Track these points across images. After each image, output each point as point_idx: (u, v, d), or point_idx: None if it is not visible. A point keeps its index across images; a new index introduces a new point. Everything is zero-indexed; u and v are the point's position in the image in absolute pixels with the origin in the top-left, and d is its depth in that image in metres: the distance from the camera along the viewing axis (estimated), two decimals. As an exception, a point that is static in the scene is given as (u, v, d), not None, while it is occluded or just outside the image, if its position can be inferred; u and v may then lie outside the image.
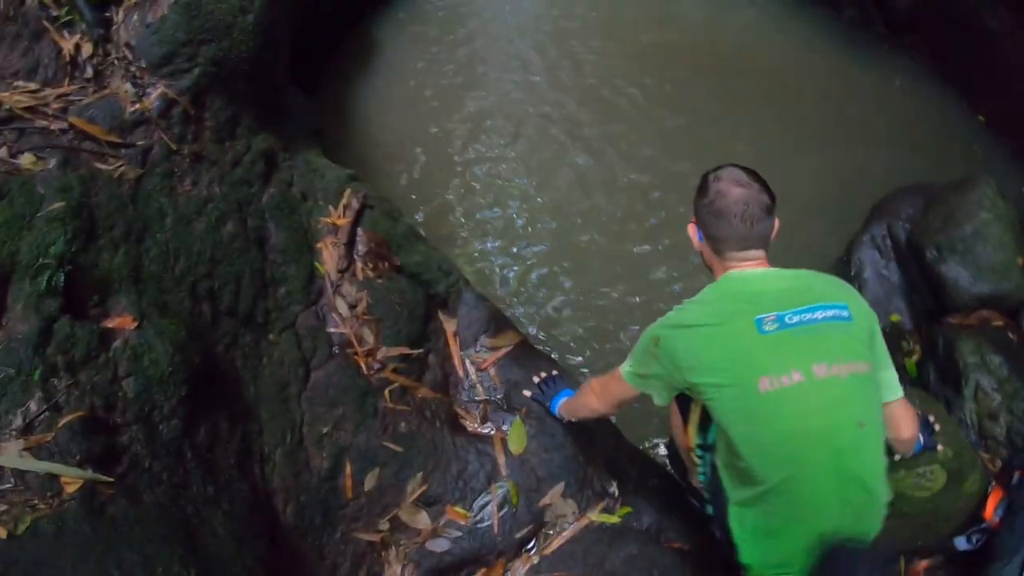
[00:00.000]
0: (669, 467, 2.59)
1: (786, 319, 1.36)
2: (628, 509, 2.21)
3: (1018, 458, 2.13)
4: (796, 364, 1.35)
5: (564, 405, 2.12)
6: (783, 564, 1.51)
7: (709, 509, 1.89)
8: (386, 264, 2.30)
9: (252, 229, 2.22)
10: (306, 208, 2.35)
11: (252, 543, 2.01)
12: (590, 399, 1.87)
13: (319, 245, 2.28)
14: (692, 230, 1.55)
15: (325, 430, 2.14)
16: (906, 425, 1.60)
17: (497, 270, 3.13)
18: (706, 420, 1.75)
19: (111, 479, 1.54)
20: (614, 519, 2.18)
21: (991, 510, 2.07)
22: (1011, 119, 3.47)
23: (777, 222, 1.48)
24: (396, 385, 2.20)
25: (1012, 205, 2.86)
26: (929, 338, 2.69)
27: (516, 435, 2.22)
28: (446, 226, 3.26)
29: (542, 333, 2.99)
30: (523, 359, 2.37)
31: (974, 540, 2.09)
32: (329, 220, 2.31)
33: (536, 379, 2.24)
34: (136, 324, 1.78)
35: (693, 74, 3.85)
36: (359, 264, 2.27)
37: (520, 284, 3.11)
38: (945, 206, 2.79)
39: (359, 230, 2.32)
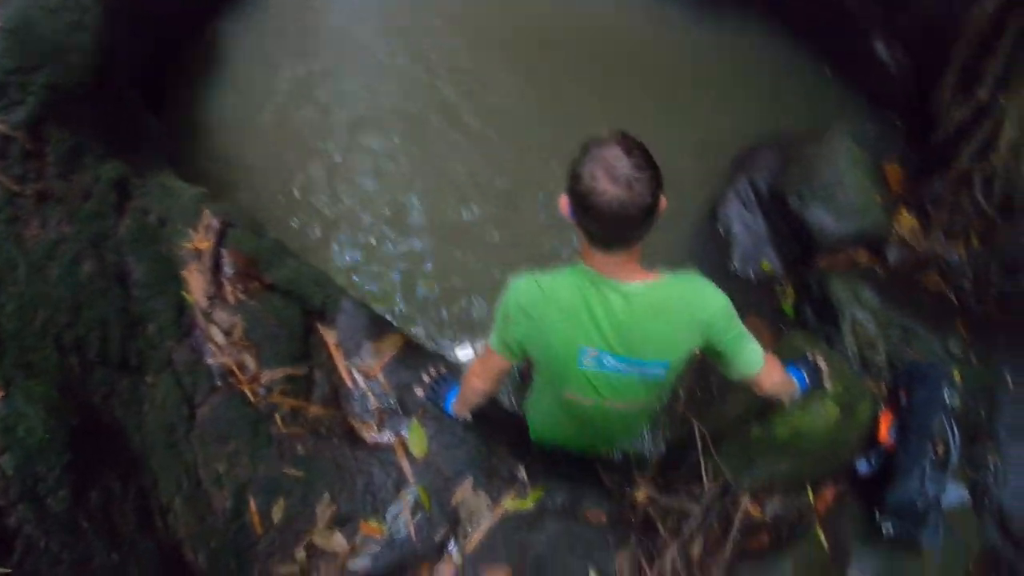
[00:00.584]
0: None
1: (604, 361, 1.58)
2: (540, 491, 2.31)
3: (903, 381, 2.32)
4: (595, 396, 1.71)
5: (456, 400, 2.20)
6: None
7: None
8: (256, 283, 2.32)
9: (111, 265, 2.23)
10: (165, 235, 2.36)
11: (171, 604, 2.01)
12: (473, 381, 1.94)
13: (184, 273, 2.28)
14: (564, 203, 1.45)
15: (221, 468, 2.16)
16: (773, 386, 1.83)
17: (374, 273, 3.21)
18: None
19: (7, 570, 1.53)
20: (528, 503, 2.28)
21: (885, 432, 2.26)
22: (855, 69, 3.80)
23: (664, 202, 1.39)
24: (286, 408, 2.24)
25: (865, 150, 3.16)
26: (801, 281, 2.93)
27: (416, 438, 2.29)
28: (315, 236, 3.30)
29: (428, 330, 3.09)
30: (411, 360, 2.44)
31: (873, 461, 2.28)
32: (191, 245, 2.30)
33: (427, 378, 2.31)
34: (2, 393, 1.76)
35: (546, 58, 4.00)
36: (228, 287, 2.28)
37: (399, 285, 3.19)
38: (805, 156, 3.07)
39: (223, 251, 2.33)
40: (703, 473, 2.29)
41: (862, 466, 2.31)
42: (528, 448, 2.41)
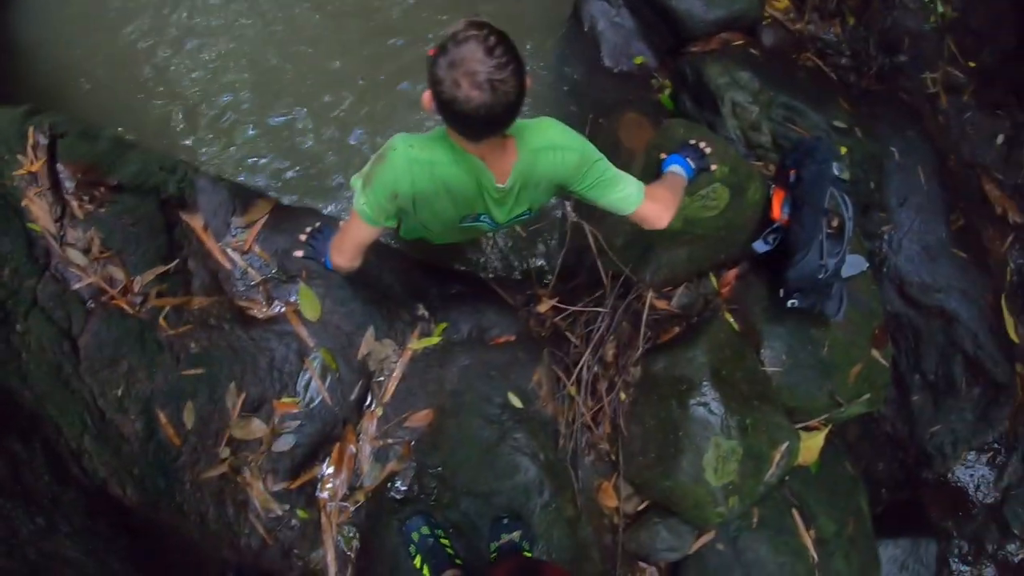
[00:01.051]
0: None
1: (480, 219, 1.70)
2: (444, 324, 2.31)
3: (790, 158, 2.29)
4: (466, 234, 1.88)
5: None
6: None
7: None
8: (102, 189, 2.18)
9: None
10: None
11: (110, 547, 2.00)
12: (337, 260, 1.78)
13: (24, 203, 2.12)
14: (427, 99, 1.38)
15: (120, 391, 2.10)
16: (657, 216, 1.77)
17: (224, 144, 2.96)
18: None
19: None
20: (435, 340, 2.28)
21: (778, 210, 2.25)
22: None
23: (529, 81, 1.34)
24: (167, 309, 2.14)
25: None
26: (676, 71, 2.84)
27: (307, 302, 2.23)
28: (155, 121, 3.00)
29: (295, 192, 2.91)
30: (283, 223, 2.34)
31: (770, 240, 2.28)
32: (22, 171, 2.13)
33: (303, 237, 2.15)
34: None
35: None
36: (74, 203, 2.14)
37: (251, 148, 2.95)
38: None
39: (59, 166, 2.16)
40: (603, 276, 2.29)
41: (760, 246, 2.32)
42: (423, 281, 2.38)
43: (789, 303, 2.24)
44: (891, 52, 3.01)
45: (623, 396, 2.24)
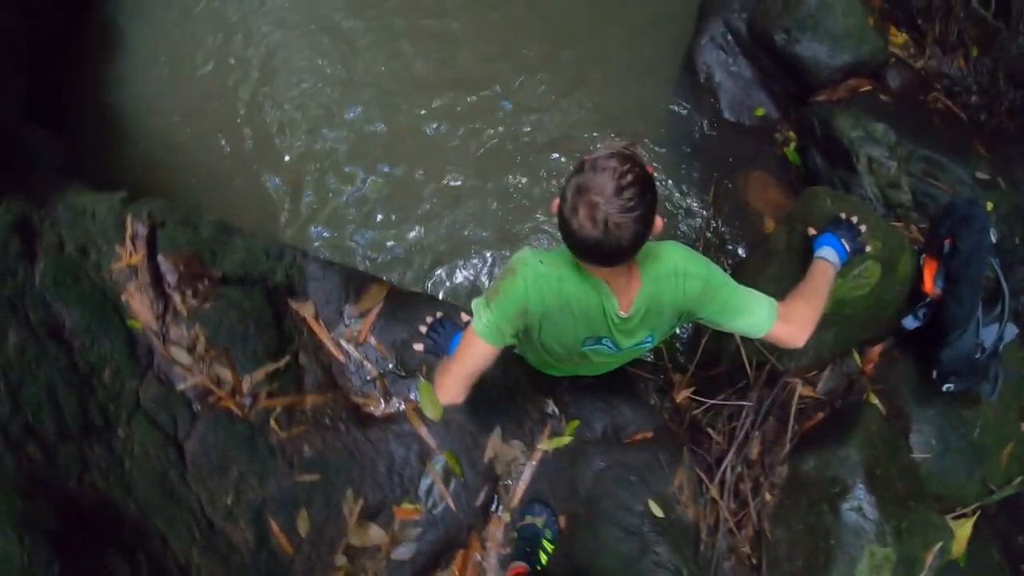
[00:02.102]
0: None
1: (604, 342, 1.59)
2: (576, 422, 2.13)
3: (944, 226, 2.07)
4: (591, 360, 1.70)
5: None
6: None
7: None
8: (206, 282, 2.02)
9: (39, 324, 1.87)
10: (91, 263, 2.01)
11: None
12: (448, 384, 1.52)
13: (124, 298, 1.97)
14: (555, 206, 1.32)
15: (230, 500, 1.95)
16: (793, 338, 1.57)
17: (335, 225, 2.89)
18: None
19: None
20: (566, 440, 2.10)
21: (930, 283, 2.05)
22: None
23: (659, 223, 1.30)
24: (279, 409, 1.99)
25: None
26: (801, 123, 2.64)
27: (428, 400, 2.06)
28: (259, 204, 2.94)
29: (409, 273, 2.82)
30: (399, 311, 2.19)
31: (921, 315, 2.09)
32: (121, 264, 1.98)
33: (423, 328, 1.87)
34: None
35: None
36: (177, 298, 1.98)
37: (365, 228, 2.88)
38: None
39: (159, 258, 2.01)
40: (747, 365, 2.10)
41: (909, 322, 2.12)
42: (553, 378, 2.20)
43: (945, 387, 2.05)
44: (1021, 85, 2.76)
45: (768, 497, 2.06)
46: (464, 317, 1.76)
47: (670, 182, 2.87)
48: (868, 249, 1.95)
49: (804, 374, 2.17)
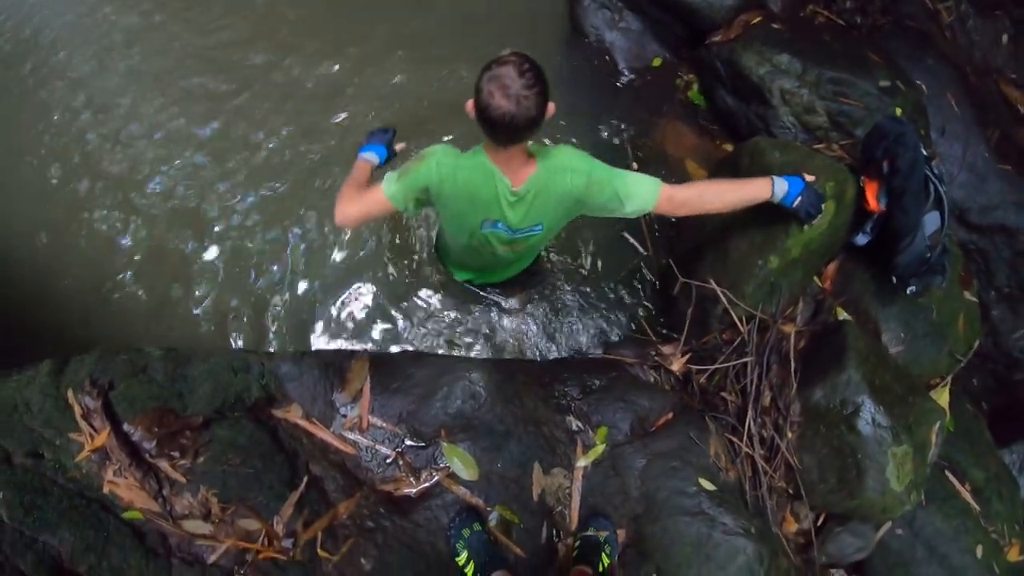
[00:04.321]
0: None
1: (498, 226, 1.89)
2: (604, 428, 2.13)
3: (880, 148, 2.15)
4: (490, 244, 2.00)
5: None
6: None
7: None
8: (188, 434, 1.78)
9: (35, 570, 1.55)
10: (50, 467, 1.68)
11: None
12: (348, 208, 1.86)
13: (107, 490, 1.69)
14: (470, 107, 1.63)
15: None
16: (687, 200, 1.86)
17: (277, 302, 2.65)
18: None
19: None
20: (600, 449, 2.10)
21: (874, 202, 2.16)
22: None
23: (552, 107, 1.62)
24: (320, 536, 1.83)
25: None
26: (701, 64, 2.63)
27: (459, 461, 2.00)
28: (168, 306, 2.63)
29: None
30: (391, 381, 2.07)
31: (869, 231, 2.22)
32: (86, 453, 1.69)
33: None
34: None
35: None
36: (165, 466, 1.73)
37: (317, 298, 2.66)
38: None
39: (126, 428, 1.73)
40: (739, 324, 2.17)
41: (860, 239, 2.25)
42: (559, 388, 2.19)
43: (908, 290, 2.24)
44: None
45: (790, 434, 2.19)
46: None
47: (587, 150, 2.80)
48: (815, 223, 2.04)
49: (784, 313, 2.29)
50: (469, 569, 1.84)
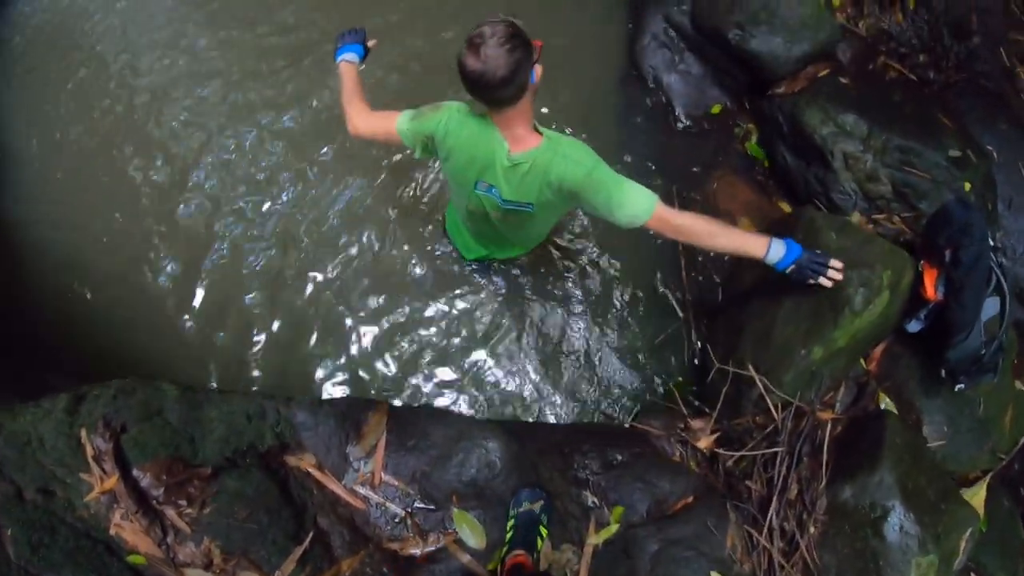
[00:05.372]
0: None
1: (492, 192, 1.90)
2: (620, 508, 2.06)
3: (943, 236, 2.02)
4: (485, 210, 2.01)
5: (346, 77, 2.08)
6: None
7: None
8: (196, 483, 1.76)
9: None
10: (60, 505, 1.68)
11: None
12: (356, 119, 1.98)
13: (113, 531, 1.68)
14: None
15: None
16: (676, 229, 1.82)
17: (301, 349, 2.60)
18: None
19: None
20: (613, 529, 2.04)
21: (931, 290, 2.04)
22: None
23: (539, 70, 1.66)
24: (321, 591, 1.81)
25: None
26: (762, 115, 2.47)
27: (467, 528, 1.96)
28: (215, 328, 2.60)
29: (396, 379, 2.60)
30: (407, 438, 2.03)
31: (923, 318, 2.09)
32: (95, 494, 1.68)
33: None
34: None
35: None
36: (172, 514, 1.72)
37: (336, 344, 2.62)
38: None
39: (136, 474, 1.72)
40: (773, 411, 2.07)
41: (912, 326, 2.12)
42: (578, 459, 2.13)
43: (956, 388, 2.13)
44: (962, 36, 2.67)
45: (812, 529, 2.09)
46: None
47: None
48: (813, 282, 1.91)
49: (823, 399, 2.18)
50: (508, 532, 1.89)
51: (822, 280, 1.89)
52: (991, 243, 1.99)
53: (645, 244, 2.64)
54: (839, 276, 1.90)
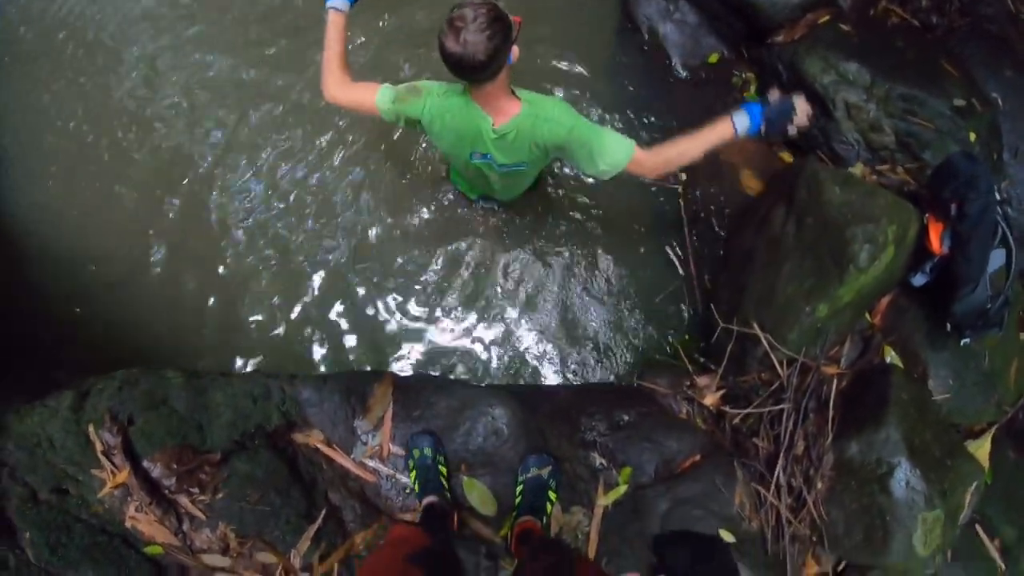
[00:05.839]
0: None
1: (487, 157, 1.98)
2: (628, 469, 2.08)
3: (949, 188, 1.99)
4: (484, 171, 2.08)
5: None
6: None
7: None
8: (207, 469, 1.77)
9: None
10: (74, 503, 1.70)
11: None
12: (333, 88, 1.94)
13: (128, 524, 1.70)
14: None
15: None
16: (645, 172, 1.90)
17: (299, 321, 2.57)
18: None
19: None
20: (622, 489, 2.06)
21: (937, 243, 2.01)
22: None
23: (515, 51, 1.68)
24: (336, 567, 1.84)
25: None
26: (761, 63, 2.40)
27: (478, 497, 1.98)
28: (229, 313, 2.56)
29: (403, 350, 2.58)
30: (412, 408, 2.03)
31: (928, 271, 2.08)
32: (108, 489, 1.69)
33: None
34: None
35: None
36: (184, 501, 1.73)
37: (339, 319, 2.59)
38: None
39: (146, 465, 1.73)
40: (777, 366, 2.07)
41: (918, 279, 2.12)
42: (591, 428, 2.13)
43: (962, 342, 2.14)
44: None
45: (819, 485, 2.12)
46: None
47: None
48: (792, 133, 1.83)
49: (828, 353, 2.17)
50: (416, 485, 1.93)
51: (797, 124, 1.81)
52: (997, 195, 1.95)
53: (645, 200, 2.60)
54: (808, 111, 1.82)
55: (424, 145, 2.74)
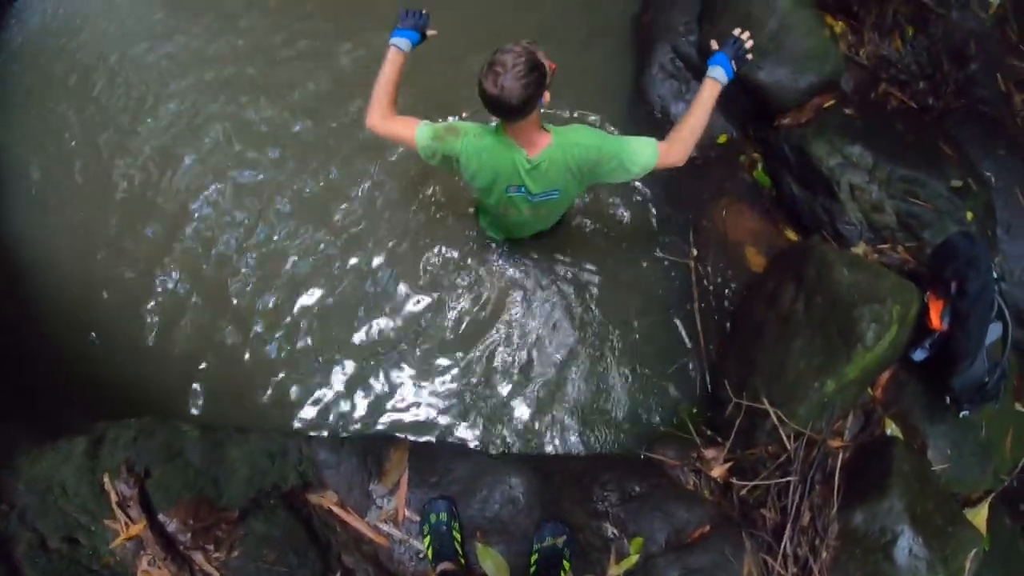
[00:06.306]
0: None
1: (521, 190, 2.07)
2: (639, 539, 2.09)
3: (949, 269, 2.09)
4: (516, 207, 2.20)
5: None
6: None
7: None
8: (224, 526, 1.75)
9: None
10: (85, 554, 1.67)
11: None
12: (376, 117, 2.03)
13: (136, 579, 1.67)
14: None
15: None
16: (673, 163, 2.00)
17: (316, 382, 2.59)
18: None
19: None
20: (633, 559, 2.06)
21: (937, 320, 2.10)
22: None
23: (546, 96, 1.80)
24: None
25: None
26: (768, 144, 2.51)
27: (491, 564, 1.97)
28: (230, 365, 2.58)
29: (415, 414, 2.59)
30: (428, 475, 2.04)
31: (928, 347, 2.16)
32: (121, 540, 1.67)
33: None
34: None
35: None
36: (199, 558, 1.71)
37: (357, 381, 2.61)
38: (735, 8, 2.45)
39: (161, 517, 1.71)
40: (784, 440, 2.12)
41: (918, 354, 2.19)
42: (603, 498, 2.15)
43: (961, 415, 2.20)
44: (961, 62, 2.74)
45: (825, 554, 2.15)
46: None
47: (647, 232, 2.75)
48: (750, 57, 2.03)
49: (833, 427, 2.23)
50: (429, 552, 1.93)
51: (748, 49, 2.01)
52: (995, 275, 2.06)
53: (655, 273, 2.68)
54: (747, 33, 2.02)
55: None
